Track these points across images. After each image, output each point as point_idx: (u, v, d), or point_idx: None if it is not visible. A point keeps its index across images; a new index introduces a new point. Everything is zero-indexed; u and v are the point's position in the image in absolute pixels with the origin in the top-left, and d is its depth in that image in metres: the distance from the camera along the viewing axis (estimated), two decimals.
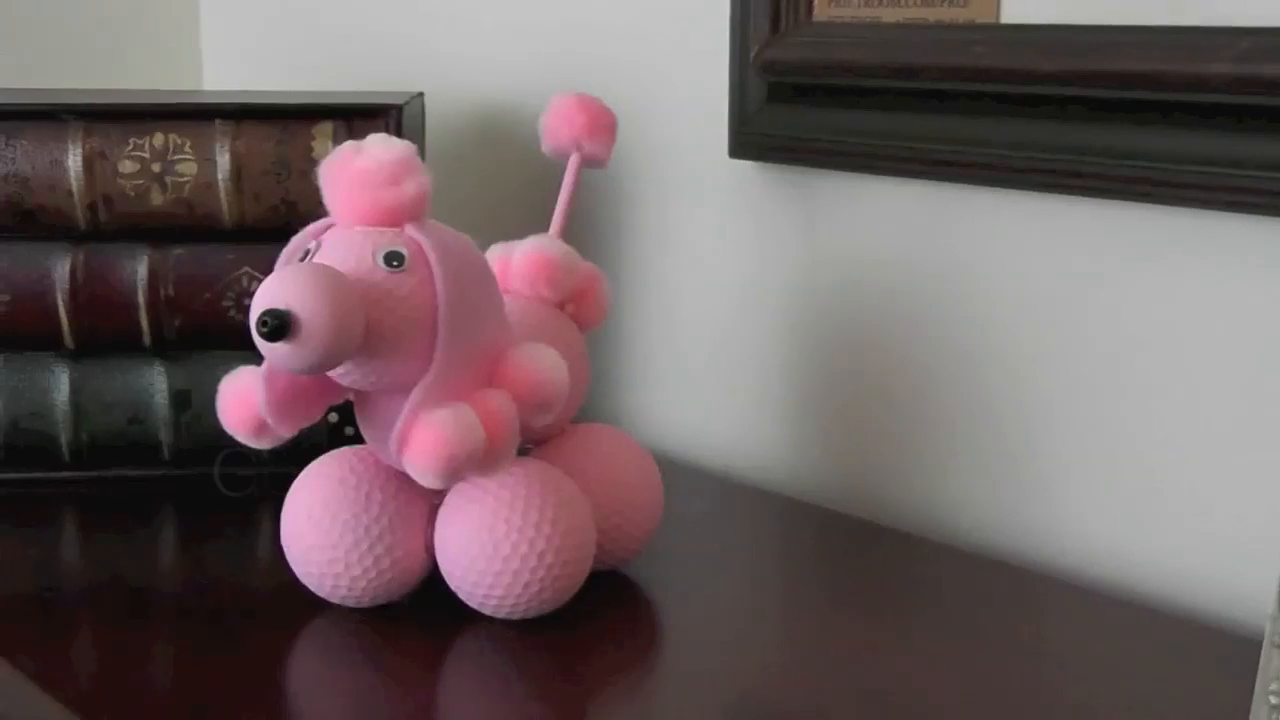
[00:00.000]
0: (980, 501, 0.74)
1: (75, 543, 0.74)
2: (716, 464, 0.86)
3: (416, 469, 0.57)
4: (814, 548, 0.73)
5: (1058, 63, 0.65)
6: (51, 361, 0.79)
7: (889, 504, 0.78)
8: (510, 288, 0.67)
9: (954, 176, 0.71)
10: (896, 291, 0.76)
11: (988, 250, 0.72)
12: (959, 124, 0.70)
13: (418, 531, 0.62)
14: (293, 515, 0.62)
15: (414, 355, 0.57)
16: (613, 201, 0.90)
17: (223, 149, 0.76)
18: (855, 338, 0.79)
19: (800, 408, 0.82)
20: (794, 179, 0.80)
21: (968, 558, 0.70)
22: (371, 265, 0.56)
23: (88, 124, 0.77)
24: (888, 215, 0.76)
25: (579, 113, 0.73)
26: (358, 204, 0.57)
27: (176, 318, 0.78)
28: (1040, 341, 0.71)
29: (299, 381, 0.59)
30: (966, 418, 0.74)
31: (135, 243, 0.78)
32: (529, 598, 0.59)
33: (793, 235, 0.81)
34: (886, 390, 0.77)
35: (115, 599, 0.65)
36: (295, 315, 0.53)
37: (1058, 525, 0.71)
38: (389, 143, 0.58)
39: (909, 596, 0.65)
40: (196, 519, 0.75)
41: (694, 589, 0.66)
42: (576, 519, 0.60)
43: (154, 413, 0.79)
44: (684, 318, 0.88)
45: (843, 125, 0.75)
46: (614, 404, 0.92)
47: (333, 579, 0.61)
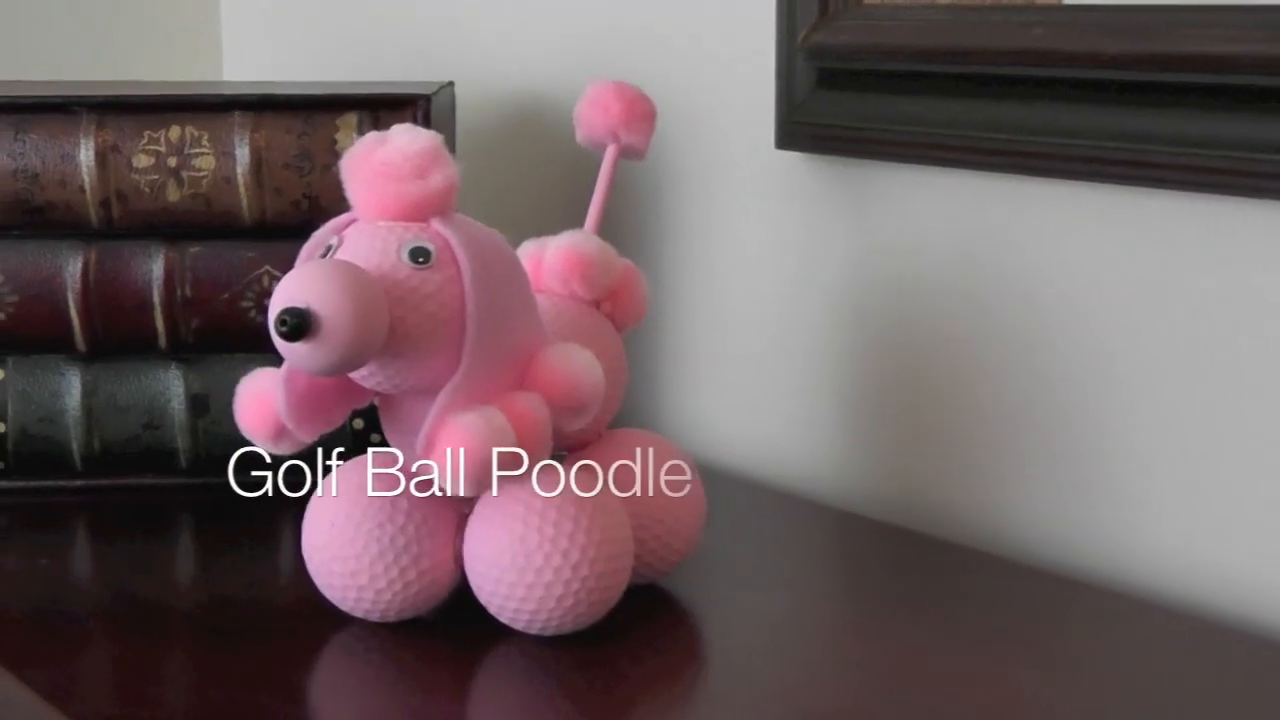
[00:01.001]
0: (1046, 514, 0.74)
1: (87, 554, 0.75)
2: (761, 472, 0.87)
3: (444, 475, 0.57)
4: (865, 562, 0.73)
5: (1123, 45, 0.65)
6: (62, 365, 0.80)
7: (947, 516, 0.78)
8: (543, 286, 0.67)
9: (1014, 167, 0.71)
10: (954, 290, 0.76)
11: (1051, 246, 0.72)
12: (1019, 111, 0.70)
13: (445, 542, 0.62)
14: (314, 525, 0.62)
15: (441, 356, 0.57)
16: (651, 195, 0.91)
17: (242, 142, 0.77)
18: (910, 339, 0.79)
19: (851, 413, 0.82)
20: (844, 171, 0.80)
21: (1032, 574, 0.70)
22: (396, 261, 0.57)
23: (100, 116, 0.77)
24: (944, 208, 0.76)
25: (616, 101, 0.74)
26: (381, 197, 0.58)
27: (193, 319, 0.79)
28: (1110, 343, 0.71)
29: (320, 384, 0.59)
30: (1031, 425, 0.74)
31: (150, 240, 0.78)
32: (562, 612, 0.60)
33: (843, 231, 0.81)
34: (943, 395, 0.78)
35: (128, 613, 0.66)
36: (315, 314, 0.54)
37: (1131, 539, 0.71)
38: (415, 133, 0.58)
39: (968, 614, 0.65)
40: (213, 529, 0.76)
41: (737, 604, 0.66)
42: (613, 529, 0.61)
43: (170, 418, 0.80)
44: (727, 317, 0.88)
45: (896, 113, 0.75)
46: (652, 408, 0.93)
47: (356, 592, 0.62)
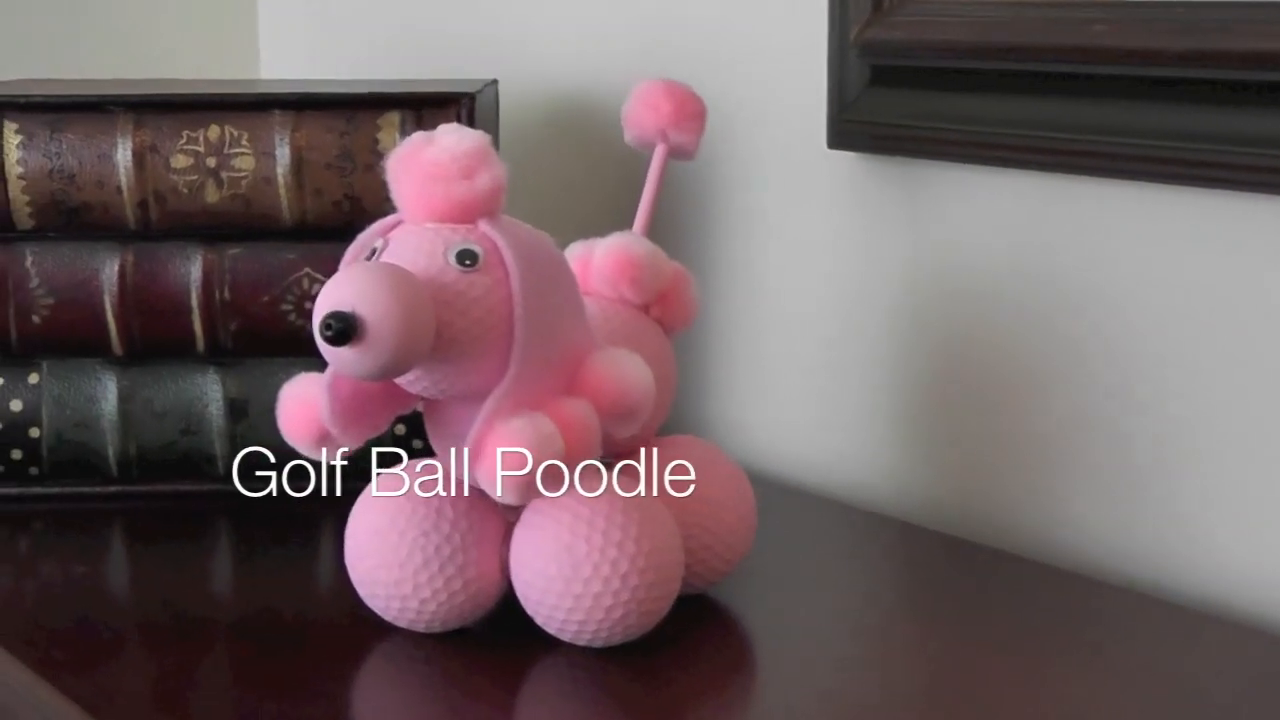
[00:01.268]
0: (1111, 526, 0.73)
1: (123, 562, 0.75)
2: (814, 481, 0.86)
3: (490, 481, 0.57)
4: (919, 572, 0.73)
5: (1189, 42, 0.65)
6: (98, 369, 0.80)
7: (1004, 526, 0.77)
8: (591, 289, 0.67)
9: (1076, 168, 0.71)
10: (1013, 294, 0.76)
11: (1116, 249, 0.72)
12: (1081, 110, 0.70)
13: (492, 551, 0.62)
14: (357, 533, 0.62)
15: (488, 361, 0.57)
16: (701, 196, 0.91)
17: (282, 141, 0.77)
18: (968, 345, 0.78)
19: (907, 420, 0.82)
20: (899, 171, 0.80)
21: (1097, 587, 0.70)
22: (443, 264, 0.57)
23: (138, 116, 0.78)
24: (1003, 210, 0.76)
25: (665, 100, 0.74)
26: (428, 198, 0.58)
27: (232, 322, 0.79)
28: (1177, 350, 0.70)
29: (365, 389, 0.59)
30: (1095, 434, 0.73)
31: (188, 242, 0.79)
32: (611, 623, 0.60)
33: (898, 233, 0.81)
34: (1002, 402, 0.77)
35: (167, 622, 0.66)
36: (361, 318, 0.54)
37: (1200, 553, 0.70)
38: (461, 133, 0.58)
39: (1025, 625, 0.65)
40: (253, 537, 0.76)
41: (789, 616, 0.66)
42: (663, 538, 0.61)
43: (208, 423, 0.80)
44: (778, 322, 0.88)
45: (953, 112, 0.75)
46: (702, 414, 0.92)
47: (400, 602, 0.62)
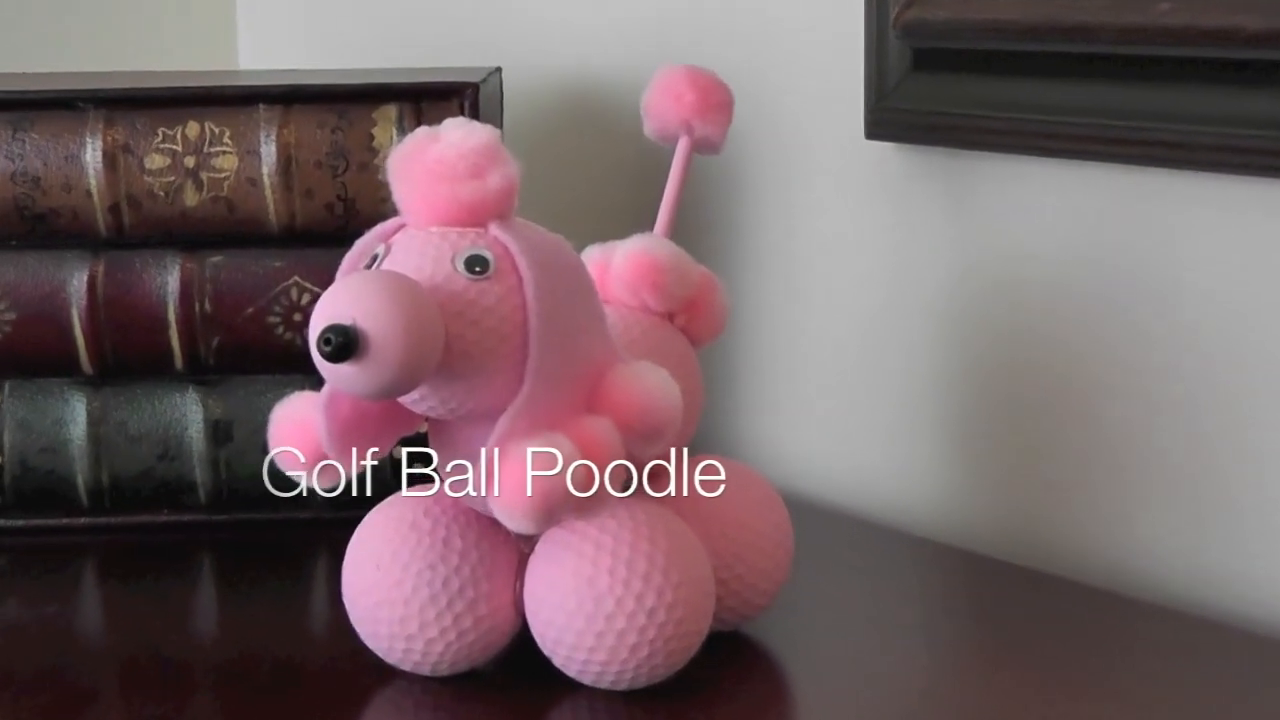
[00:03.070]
0: (1181, 549, 0.73)
1: (97, 602, 0.75)
2: (850, 503, 0.87)
3: (505, 510, 0.57)
4: (970, 602, 0.73)
5: (1265, 21, 0.65)
6: (66, 389, 0.81)
7: (1065, 550, 0.77)
8: (610, 296, 0.68)
9: (1140, 158, 0.71)
10: (1071, 297, 0.76)
11: (1184, 247, 0.72)
12: (1143, 95, 0.70)
13: (505, 585, 0.63)
14: (356, 567, 0.63)
15: (501, 376, 0.58)
16: (728, 193, 0.91)
17: (268, 139, 0.78)
18: (1019, 354, 0.79)
19: (952, 436, 0.82)
20: (944, 163, 0.81)
21: (1167, 616, 0.70)
22: (451, 272, 0.57)
23: (109, 113, 0.78)
24: (1059, 205, 0.76)
25: (689, 89, 0.74)
26: (434, 200, 0.58)
27: (214, 337, 0.79)
28: (1254, 357, 0.70)
29: (365, 409, 0.60)
30: (1161, 448, 0.74)
31: (165, 250, 0.80)
32: (637, 664, 0.60)
33: (942, 231, 0.81)
34: (1058, 417, 0.78)
35: (145, 668, 0.66)
36: (363, 331, 0.54)
37: (1274, 578, 0.71)
38: (469, 128, 0.59)
39: (1087, 659, 0.65)
40: (238, 573, 0.77)
41: (827, 650, 0.67)
42: (693, 570, 0.61)
43: (187, 448, 0.81)
44: (813, 329, 0.88)
45: (1002, 98, 0.75)
46: (731, 432, 0.93)
47: (404, 642, 0.62)
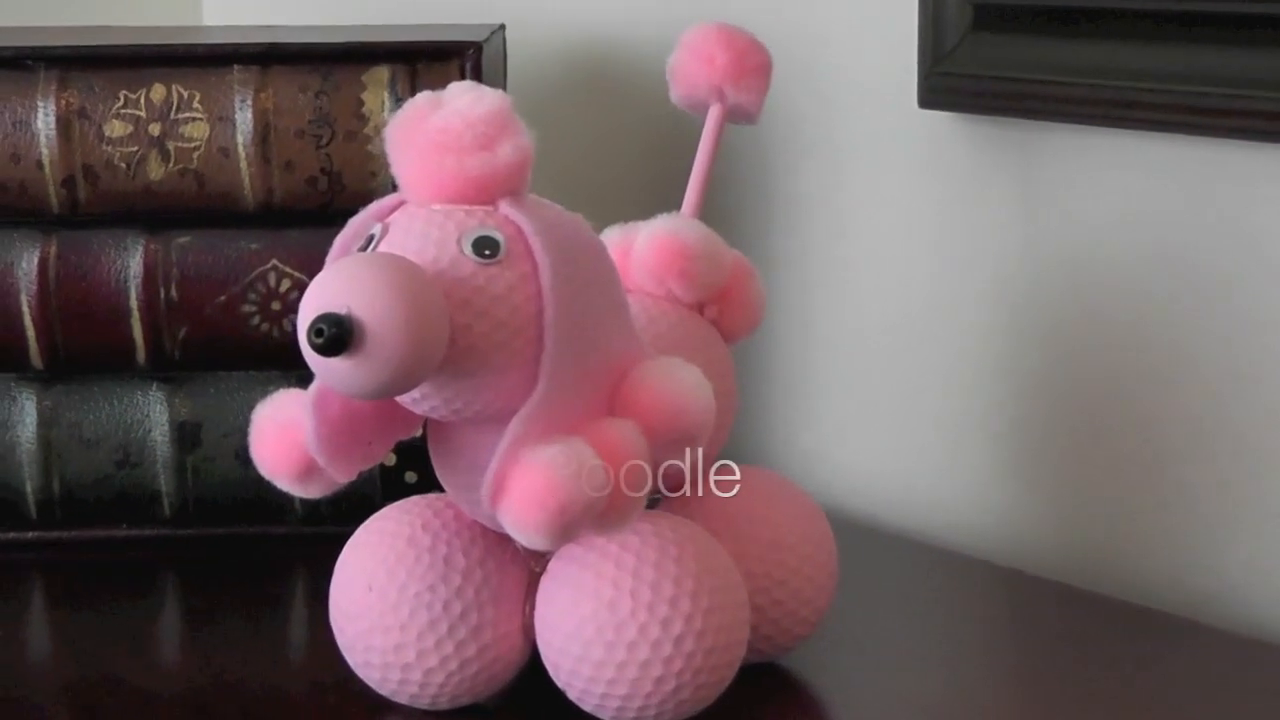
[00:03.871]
0: (1269, 572, 0.73)
1: (45, 627, 0.76)
2: (899, 519, 0.87)
3: (517, 524, 0.57)
4: (1032, 630, 0.73)
5: None
6: (13, 386, 0.81)
7: (1141, 576, 0.78)
8: (633, 284, 0.68)
9: (1229, 130, 0.71)
10: (1146, 287, 0.76)
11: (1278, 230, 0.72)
12: (1233, 58, 0.70)
13: (513, 609, 0.63)
14: (346, 588, 0.63)
15: (512, 374, 0.58)
16: (765, 169, 0.91)
17: (243, 104, 0.78)
18: (1088, 351, 0.79)
19: (1012, 445, 0.82)
20: (1007, 134, 0.80)
21: (1257, 647, 0.70)
22: (457, 255, 0.57)
23: (63, 73, 0.78)
24: (1137, 182, 0.76)
25: (722, 51, 0.74)
26: (438, 174, 0.58)
27: (181, 327, 0.79)
28: None
29: (358, 410, 0.60)
30: (1254, 457, 0.74)
31: (126, 229, 0.80)
32: (661, 698, 0.60)
33: (1005, 210, 0.81)
34: (1133, 421, 0.78)
35: (102, 702, 0.66)
36: (359, 321, 0.54)
37: None
38: (478, 93, 0.59)
39: (1166, 695, 0.65)
40: (209, 593, 0.77)
41: (873, 684, 0.67)
42: (725, 593, 0.61)
43: (150, 453, 0.81)
44: (860, 323, 0.88)
45: (1071, 62, 0.75)
46: (767, 439, 0.93)
47: (400, 673, 0.62)
